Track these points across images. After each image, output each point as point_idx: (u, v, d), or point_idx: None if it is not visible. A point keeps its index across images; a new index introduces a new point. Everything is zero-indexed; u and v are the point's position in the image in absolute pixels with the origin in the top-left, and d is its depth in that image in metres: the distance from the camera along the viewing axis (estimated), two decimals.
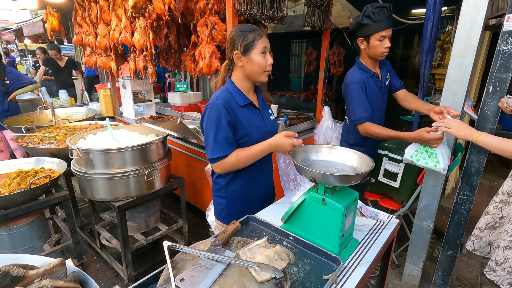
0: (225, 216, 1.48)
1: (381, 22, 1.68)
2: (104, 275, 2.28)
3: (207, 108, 1.29)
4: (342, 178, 1.00)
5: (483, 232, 1.66)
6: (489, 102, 1.57)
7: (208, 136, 1.26)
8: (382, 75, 1.95)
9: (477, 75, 3.18)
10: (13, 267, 0.66)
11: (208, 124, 1.26)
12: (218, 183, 1.46)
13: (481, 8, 1.53)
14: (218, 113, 1.24)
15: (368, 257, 1.09)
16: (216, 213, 1.55)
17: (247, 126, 1.30)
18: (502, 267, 1.49)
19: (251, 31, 1.25)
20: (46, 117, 3.29)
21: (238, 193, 1.43)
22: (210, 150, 1.26)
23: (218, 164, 1.27)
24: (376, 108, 1.92)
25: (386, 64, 2.00)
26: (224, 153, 1.25)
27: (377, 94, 1.91)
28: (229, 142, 1.26)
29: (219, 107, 1.24)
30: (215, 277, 0.83)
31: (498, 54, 1.50)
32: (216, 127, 1.24)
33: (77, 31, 3.34)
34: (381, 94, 1.94)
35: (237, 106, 1.28)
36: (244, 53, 1.25)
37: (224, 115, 1.23)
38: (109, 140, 1.99)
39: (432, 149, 1.64)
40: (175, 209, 3.04)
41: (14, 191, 1.70)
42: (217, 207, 1.52)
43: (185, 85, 4.15)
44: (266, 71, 1.30)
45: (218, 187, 1.46)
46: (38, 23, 7.20)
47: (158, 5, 2.15)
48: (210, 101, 1.29)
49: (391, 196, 2.38)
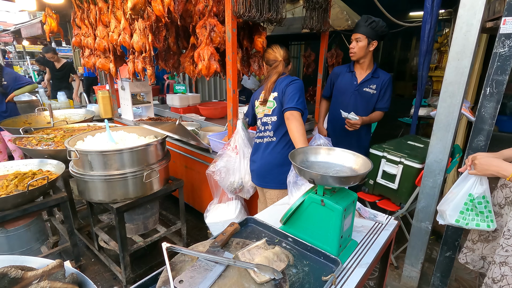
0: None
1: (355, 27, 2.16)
2: (102, 277, 2.27)
3: (294, 80, 1.81)
4: (341, 179, 1.00)
5: (475, 244, 1.54)
6: (486, 104, 1.58)
7: (294, 94, 1.73)
8: (364, 79, 2.27)
9: (474, 77, 3.20)
10: (11, 269, 0.66)
11: (296, 88, 1.76)
12: (286, 150, 1.82)
13: (477, 11, 1.54)
14: (302, 86, 1.79)
15: (367, 258, 1.09)
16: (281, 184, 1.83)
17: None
18: (500, 285, 1.35)
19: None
20: (44, 118, 3.28)
21: None
22: (295, 102, 1.70)
23: (293, 112, 1.68)
24: (346, 101, 2.35)
25: (381, 78, 2.28)
26: (301, 108, 1.70)
27: (348, 88, 2.33)
28: (304, 106, 1.74)
29: (303, 84, 1.81)
30: (214, 278, 0.83)
31: (495, 57, 1.51)
32: (301, 93, 1.76)
33: (76, 32, 3.33)
34: (353, 91, 2.32)
35: None
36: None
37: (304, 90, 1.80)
38: (107, 141, 1.99)
39: (480, 205, 1.35)
40: (173, 211, 3.03)
41: (12, 192, 1.69)
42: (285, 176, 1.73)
43: (183, 86, 4.15)
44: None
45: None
46: (36, 25, 7.19)
47: (157, 7, 2.15)
48: (293, 78, 1.82)
49: (389, 198, 2.39)
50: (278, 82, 1.87)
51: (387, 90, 2.28)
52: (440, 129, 1.79)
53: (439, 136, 1.81)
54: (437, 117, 1.79)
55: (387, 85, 2.26)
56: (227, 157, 2.05)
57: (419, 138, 2.61)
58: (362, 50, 2.14)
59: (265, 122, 1.91)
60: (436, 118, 1.80)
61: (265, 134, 1.91)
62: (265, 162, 1.90)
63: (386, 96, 2.29)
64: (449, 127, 1.76)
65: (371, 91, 2.27)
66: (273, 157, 1.88)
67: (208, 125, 3.03)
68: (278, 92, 1.85)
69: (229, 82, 2.07)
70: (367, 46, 2.14)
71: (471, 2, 1.56)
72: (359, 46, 2.13)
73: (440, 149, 1.82)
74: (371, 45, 2.15)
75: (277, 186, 1.88)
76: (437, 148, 1.83)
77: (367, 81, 2.29)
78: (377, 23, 2.06)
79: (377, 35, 2.11)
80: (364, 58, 2.22)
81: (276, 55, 1.90)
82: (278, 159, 1.87)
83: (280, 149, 1.87)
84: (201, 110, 3.46)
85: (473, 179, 1.36)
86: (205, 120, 3.28)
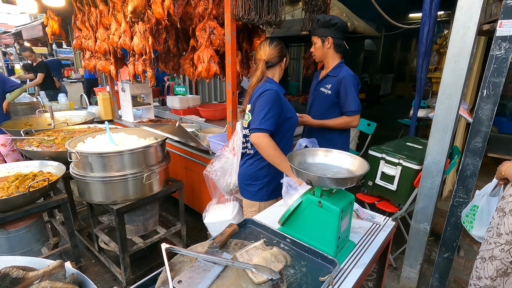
0: (265, 193, 1.73)
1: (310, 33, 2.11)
2: (102, 278, 2.28)
3: (264, 91, 1.56)
4: (338, 181, 1.02)
5: (495, 280, 1.42)
6: (484, 106, 1.59)
7: (261, 111, 1.52)
8: (322, 78, 2.15)
9: (473, 79, 3.21)
10: (12, 269, 0.67)
11: (264, 102, 1.54)
12: (257, 165, 1.71)
13: (474, 14, 1.56)
14: (274, 97, 1.55)
15: (364, 259, 1.10)
16: (250, 196, 1.77)
17: (290, 108, 1.67)
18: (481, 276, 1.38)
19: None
20: (45, 120, 3.30)
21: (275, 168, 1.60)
22: (258, 120, 1.51)
23: (259, 134, 1.50)
24: (309, 103, 2.28)
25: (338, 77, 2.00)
26: (269, 128, 1.50)
27: (312, 88, 2.25)
28: (274, 122, 1.53)
29: (276, 93, 1.56)
30: (212, 279, 0.84)
31: (492, 59, 1.52)
32: (270, 107, 1.52)
33: (77, 35, 3.35)
34: (313, 92, 2.24)
35: (282, 94, 1.64)
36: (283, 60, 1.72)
37: (278, 101, 1.56)
38: (107, 143, 2.00)
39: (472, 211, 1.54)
40: (173, 212, 3.04)
41: (13, 194, 1.70)
42: (253, 189, 1.74)
43: (183, 88, 4.17)
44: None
45: (258, 168, 1.70)
46: (37, 27, 7.23)
47: (157, 10, 2.17)
48: (266, 88, 1.58)
49: (388, 199, 2.40)
50: (255, 90, 1.66)
51: (348, 89, 1.94)
52: (438, 131, 1.80)
53: (437, 138, 1.82)
54: (435, 119, 1.81)
55: (345, 84, 1.95)
56: (224, 158, 2.06)
57: (418, 139, 2.62)
58: (319, 50, 2.04)
59: (245, 134, 1.77)
60: (434, 119, 1.81)
61: (247, 145, 1.78)
62: (241, 172, 1.82)
63: (347, 96, 1.95)
64: (446, 128, 1.77)
65: (326, 91, 2.06)
66: (247, 169, 1.77)
67: (208, 126, 3.05)
68: (251, 104, 1.66)
69: (229, 84, 2.09)
70: (323, 45, 2.02)
71: (468, 5, 1.57)
72: (315, 48, 2.05)
73: (438, 151, 1.83)
74: (326, 42, 2.00)
75: (248, 197, 1.81)
76: (435, 150, 1.84)
77: (324, 80, 2.09)
78: (323, 19, 1.96)
79: (329, 31, 1.97)
80: (326, 58, 2.07)
81: (260, 53, 1.69)
82: (250, 172, 1.75)
83: (253, 162, 1.74)
84: (201, 111, 3.48)
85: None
86: (205, 121, 3.30)
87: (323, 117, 2.08)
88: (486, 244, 1.41)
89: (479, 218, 1.53)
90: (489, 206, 1.50)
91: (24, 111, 4.05)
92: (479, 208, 1.53)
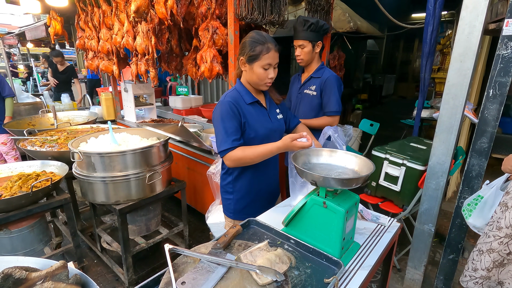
0: (232, 211, 1.55)
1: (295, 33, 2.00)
2: (105, 279, 2.28)
3: (217, 106, 1.38)
4: (343, 181, 1.00)
5: (491, 271, 1.47)
6: (489, 106, 1.58)
7: (217, 131, 1.36)
8: (305, 80, 2.13)
9: (477, 79, 3.19)
10: (15, 270, 0.66)
11: (216, 119, 1.37)
12: (225, 178, 1.54)
13: (480, 12, 1.54)
14: (226, 109, 1.34)
15: (369, 261, 1.09)
16: (224, 209, 1.61)
17: (253, 122, 1.40)
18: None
19: (261, 43, 1.30)
20: (48, 120, 3.31)
21: (245, 188, 1.50)
22: (219, 143, 1.35)
23: (226, 156, 1.35)
24: (293, 106, 2.24)
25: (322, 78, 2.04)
26: (231, 146, 1.32)
27: (294, 93, 2.23)
28: (235, 136, 1.33)
29: (227, 104, 1.34)
30: (216, 280, 0.83)
31: (498, 58, 1.51)
32: (223, 122, 1.33)
33: (80, 35, 3.37)
34: (297, 95, 2.20)
35: (244, 104, 1.39)
36: (248, 61, 1.34)
37: (231, 111, 1.33)
38: (110, 143, 2.00)
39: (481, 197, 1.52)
40: (175, 213, 3.04)
41: (16, 194, 1.70)
42: (224, 203, 1.58)
43: (186, 88, 4.18)
44: (266, 83, 1.38)
45: (226, 183, 1.53)
46: (40, 27, 7.25)
47: (160, 10, 2.17)
48: (220, 100, 1.39)
49: (392, 200, 2.38)
50: None
51: (331, 90, 2.00)
52: (443, 131, 1.79)
53: (441, 138, 1.80)
54: (439, 119, 1.79)
55: (329, 85, 2.00)
56: None
57: (421, 140, 2.60)
58: (309, 55, 2.00)
59: None
60: (439, 120, 1.79)
61: None
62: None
63: (330, 97, 2.00)
64: (451, 129, 1.75)
65: (311, 92, 2.08)
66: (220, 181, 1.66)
67: (210, 126, 3.04)
68: None
69: (231, 84, 2.08)
70: (313, 50, 2.00)
71: (473, 4, 1.55)
72: (305, 52, 1.98)
73: (443, 151, 1.81)
74: (316, 47, 2.00)
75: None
76: (440, 150, 1.82)
77: (307, 82, 2.11)
78: (316, 24, 1.92)
79: (320, 36, 1.98)
80: (312, 61, 2.07)
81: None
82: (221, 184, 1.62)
83: (222, 174, 1.60)
84: (203, 112, 3.47)
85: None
86: (207, 121, 3.29)
87: (310, 118, 2.11)
88: (485, 237, 1.42)
89: (480, 208, 1.52)
90: (494, 200, 1.50)
91: (27, 111, 4.07)
92: (483, 198, 1.52)
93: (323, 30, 1.96)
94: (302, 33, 1.95)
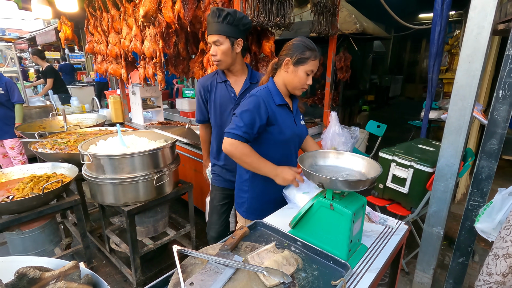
0: (245, 210, 1.56)
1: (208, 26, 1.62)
2: (113, 279, 2.30)
3: (248, 96, 1.39)
4: (350, 184, 1.00)
5: (506, 277, 1.44)
6: (499, 107, 1.55)
7: (237, 115, 1.34)
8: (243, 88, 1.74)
9: (486, 79, 3.14)
10: (29, 269, 0.68)
11: (243, 106, 1.36)
12: (242, 176, 1.54)
13: (488, 13, 1.52)
14: (254, 102, 1.34)
15: (377, 263, 1.08)
16: (237, 206, 1.63)
17: (281, 123, 1.40)
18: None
19: (311, 50, 1.34)
20: (58, 123, 3.37)
21: (260, 188, 1.51)
22: (232, 124, 1.33)
23: (231, 141, 1.31)
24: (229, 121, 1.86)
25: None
26: (240, 134, 1.30)
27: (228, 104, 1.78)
28: (249, 130, 1.32)
29: (258, 99, 1.34)
30: (224, 281, 0.83)
31: (507, 59, 1.48)
32: (248, 112, 1.32)
33: (89, 39, 3.43)
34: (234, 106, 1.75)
35: (274, 104, 1.39)
36: (295, 64, 1.34)
37: (258, 107, 1.33)
38: (119, 145, 2.03)
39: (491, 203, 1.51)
40: (183, 214, 3.06)
41: (28, 195, 1.74)
42: (238, 200, 1.60)
43: (192, 91, 4.21)
44: (303, 88, 1.41)
45: (242, 180, 1.54)
46: (50, 32, 7.42)
47: (168, 14, 2.20)
48: (252, 92, 1.40)
49: (400, 202, 2.36)
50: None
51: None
52: (452, 133, 1.77)
53: (450, 140, 1.78)
54: (448, 120, 1.77)
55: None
56: None
57: (429, 141, 2.58)
58: (227, 55, 1.60)
59: None
60: (447, 121, 1.77)
61: None
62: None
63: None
64: (460, 130, 1.73)
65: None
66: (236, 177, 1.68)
67: None
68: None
69: None
70: (232, 48, 1.59)
71: (482, 4, 1.54)
72: (221, 50, 1.58)
73: (451, 153, 1.79)
74: (237, 45, 1.61)
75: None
76: (449, 152, 1.80)
77: (247, 90, 1.70)
78: (234, 16, 1.53)
79: (240, 32, 1.59)
80: (234, 63, 1.67)
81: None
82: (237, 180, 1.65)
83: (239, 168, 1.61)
84: None
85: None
86: None
87: None
88: (502, 241, 1.39)
89: (488, 212, 1.52)
90: (502, 204, 1.49)
91: (38, 114, 4.15)
92: (492, 203, 1.52)
93: (243, 25, 1.59)
94: (216, 25, 1.54)
